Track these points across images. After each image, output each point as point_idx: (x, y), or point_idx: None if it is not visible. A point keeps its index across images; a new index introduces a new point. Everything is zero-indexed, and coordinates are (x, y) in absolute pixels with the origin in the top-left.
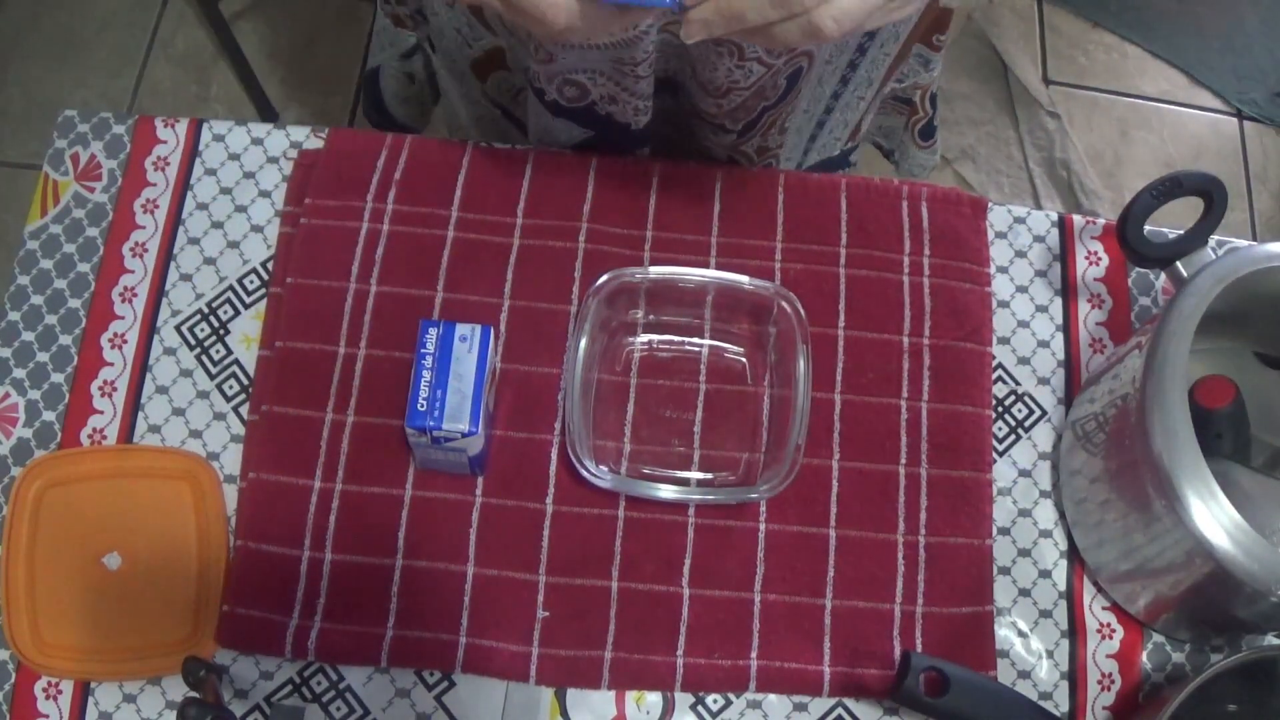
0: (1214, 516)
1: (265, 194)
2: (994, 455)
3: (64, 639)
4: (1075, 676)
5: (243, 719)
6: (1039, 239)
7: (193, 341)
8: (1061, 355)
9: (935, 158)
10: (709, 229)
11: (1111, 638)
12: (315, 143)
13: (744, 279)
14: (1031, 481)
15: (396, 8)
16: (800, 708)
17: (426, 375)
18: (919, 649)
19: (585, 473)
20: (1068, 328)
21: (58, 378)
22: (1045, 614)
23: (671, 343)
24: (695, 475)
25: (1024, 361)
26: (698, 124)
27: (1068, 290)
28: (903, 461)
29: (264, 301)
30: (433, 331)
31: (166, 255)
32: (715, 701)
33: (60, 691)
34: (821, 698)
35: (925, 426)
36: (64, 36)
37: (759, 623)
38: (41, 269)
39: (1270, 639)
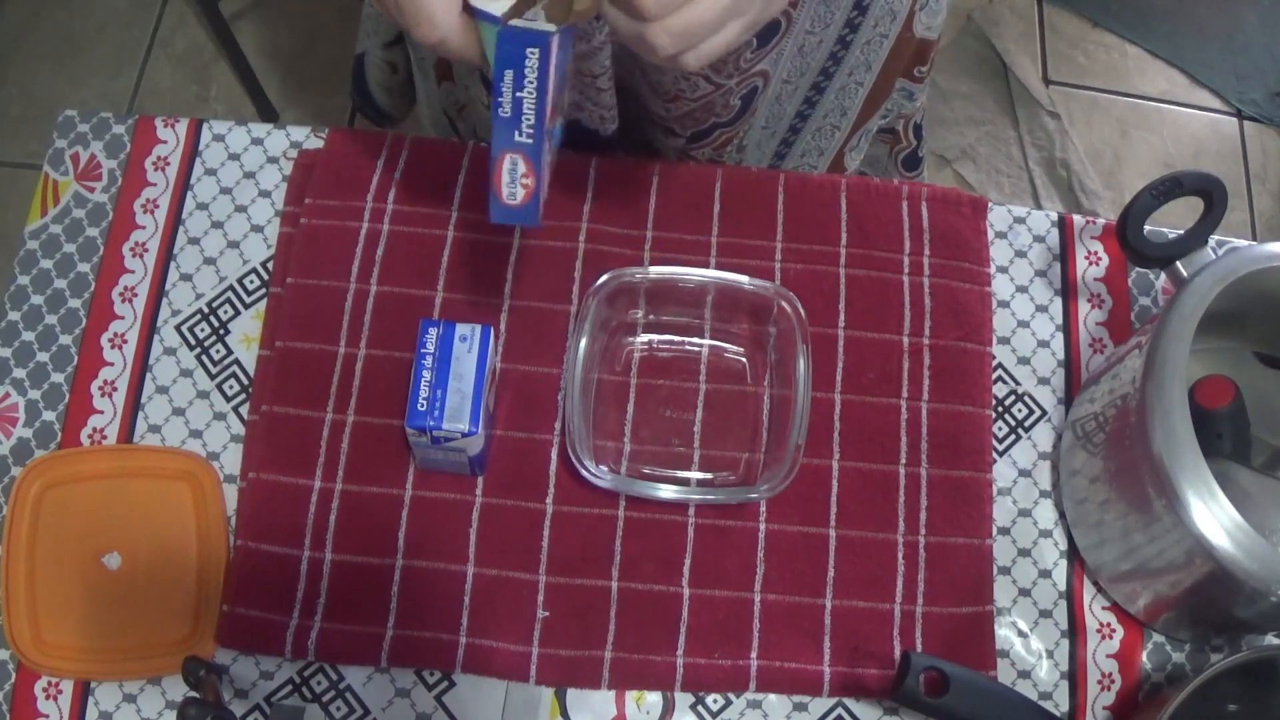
0: (1214, 516)
1: (265, 194)
2: (994, 455)
3: (64, 639)
4: (1075, 676)
5: (243, 719)
6: (1039, 239)
7: (193, 341)
8: (1061, 355)
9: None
10: (709, 229)
11: (1111, 638)
12: (315, 143)
13: (744, 279)
14: (1031, 481)
15: None
16: (800, 708)
17: (426, 375)
18: (919, 649)
19: (585, 473)
20: (1068, 328)
21: (58, 378)
22: (1045, 614)
23: (671, 343)
24: (695, 475)
25: (1024, 361)
26: (649, 126)
27: (1068, 290)
28: (903, 461)
29: (264, 301)
30: (433, 331)
31: (166, 255)
32: (715, 701)
33: (60, 691)
34: (821, 698)
35: (925, 426)
36: (64, 36)
37: (759, 623)
38: (41, 269)
39: (1270, 639)
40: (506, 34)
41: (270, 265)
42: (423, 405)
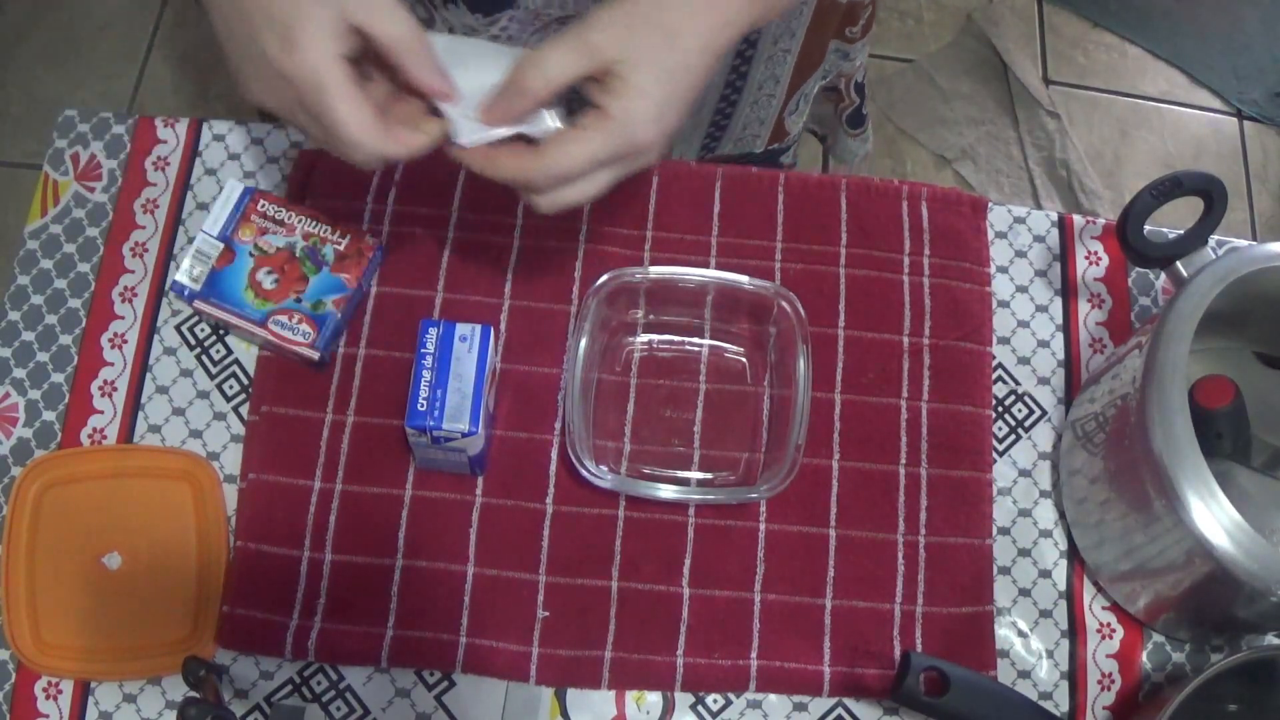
0: (1214, 516)
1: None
2: (994, 455)
3: (64, 639)
4: (1075, 676)
5: (243, 719)
6: (1039, 239)
7: (193, 341)
8: (1061, 355)
9: (866, 146)
10: (709, 229)
11: (1111, 638)
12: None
13: (744, 279)
14: (1031, 481)
15: None
16: (800, 708)
17: (426, 375)
18: (919, 649)
19: (585, 473)
20: (1068, 328)
21: (58, 378)
22: (1045, 614)
23: (671, 343)
24: (695, 475)
25: (1024, 361)
26: None
27: (1068, 290)
28: (903, 461)
29: None
30: (433, 331)
31: (166, 255)
32: (715, 701)
33: (60, 691)
34: (821, 698)
35: (925, 426)
36: (64, 36)
37: (759, 623)
38: (41, 269)
39: (1270, 639)
40: None
41: None
42: (423, 405)
